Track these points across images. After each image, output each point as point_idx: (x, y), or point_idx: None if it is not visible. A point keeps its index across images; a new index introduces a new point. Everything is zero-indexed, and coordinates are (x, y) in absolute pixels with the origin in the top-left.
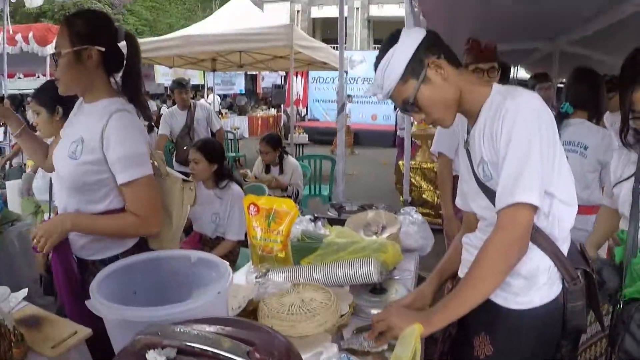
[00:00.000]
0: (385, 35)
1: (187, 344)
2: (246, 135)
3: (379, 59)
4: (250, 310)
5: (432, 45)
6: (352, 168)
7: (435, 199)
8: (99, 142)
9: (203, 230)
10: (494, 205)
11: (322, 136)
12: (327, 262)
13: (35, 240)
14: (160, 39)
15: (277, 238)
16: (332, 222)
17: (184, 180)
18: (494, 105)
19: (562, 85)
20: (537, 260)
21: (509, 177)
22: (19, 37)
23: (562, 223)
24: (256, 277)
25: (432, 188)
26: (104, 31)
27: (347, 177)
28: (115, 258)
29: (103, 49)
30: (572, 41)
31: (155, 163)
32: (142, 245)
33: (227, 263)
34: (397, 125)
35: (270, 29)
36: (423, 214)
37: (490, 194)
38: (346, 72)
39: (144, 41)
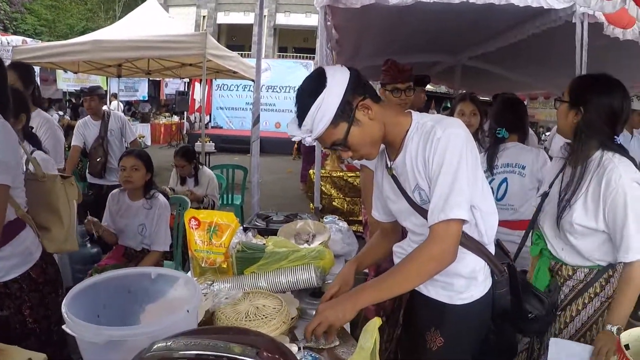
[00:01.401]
0: (289, 44)
1: (202, 352)
2: (148, 143)
3: (305, 104)
4: (205, 321)
5: (357, 86)
6: (259, 174)
7: (345, 205)
8: None
9: (128, 243)
10: (426, 220)
11: (227, 144)
12: (270, 271)
13: None
14: (68, 42)
15: (219, 250)
16: (261, 232)
17: (62, 177)
18: (418, 133)
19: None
20: (473, 263)
21: (441, 196)
22: None
23: (489, 230)
24: (201, 289)
25: (341, 196)
26: None
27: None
28: (26, 275)
29: None
30: (473, 56)
31: (31, 167)
32: (44, 257)
33: (191, 277)
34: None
35: (183, 37)
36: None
37: (425, 213)
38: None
39: (50, 44)
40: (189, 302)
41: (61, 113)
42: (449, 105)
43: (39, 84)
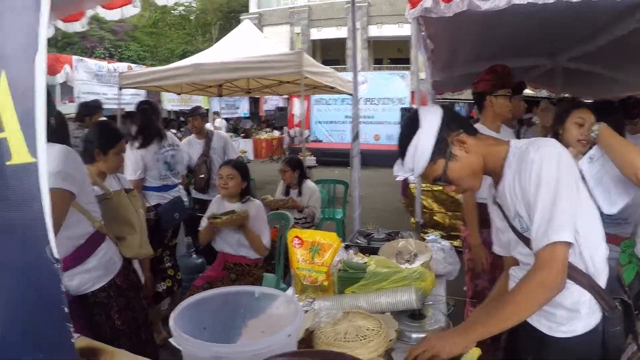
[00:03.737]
0: (384, 55)
1: None
2: (251, 157)
3: (404, 145)
4: (304, 338)
5: (450, 122)
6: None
7: (447, 220)
8: None
9: (224, 248)
10: (531, 250)
11: (327, 157)
12: (371, 291)
13: None
14: (170, 67)
15: (321, 269)
16: (362, 250)
17: (125, 191)
18: (516, 159)
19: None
20: (577, 295)
21: (542, 220)
22: None
23: (593, 258)
24: (302, 307)
25: (443, 210)
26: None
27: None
28: (112, 283)
29: None
30: (574, 57)
31: (97, 187)
32: (126, 264)
33: (292, 297)
34: None
35: (280, 56)
36: (435, 233)
37: (528, 242)
38: (351, 95)
39: (154, 70)
40: (289, 322)
41: (174, 131)
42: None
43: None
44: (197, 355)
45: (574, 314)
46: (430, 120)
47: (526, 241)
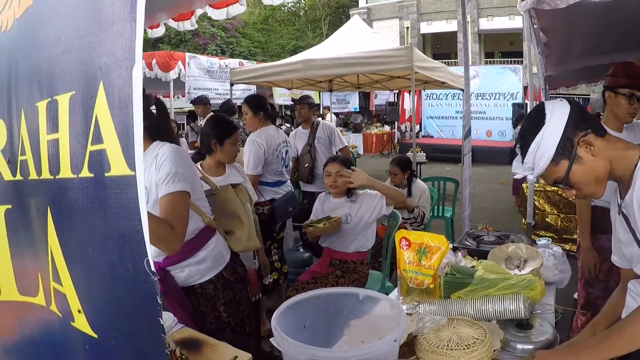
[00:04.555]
0: (495, 49)
1: None
2: (361, 152)
3: (526, 141)
4: (407, 342)
5: (578, 121)
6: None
7: (559, 222)
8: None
9: (330, 245)
10: None
11: (437, 153)
12: (477, 297)
13: None
14: (280, 63)
15: (428, 272)
16: (471, 252)
17: (232, 186)
18: None
19: None
20: None
21: None
22: (142, 63)
23: None
24: (407, 309)
25: (555, 212)
26: None
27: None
28: (220, 275)
29: None
30: None
31: (206, 183)
32: (234, 258)
33: (396, 302)
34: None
35: (390, 52)
36: (546, 237)
37: None
38: (462, 90)
39: (264, 66)
40: (393, 325)
41: (287, 125)
42: None
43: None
44: (296, 357)
45: None
46: (557, 117)
47: None
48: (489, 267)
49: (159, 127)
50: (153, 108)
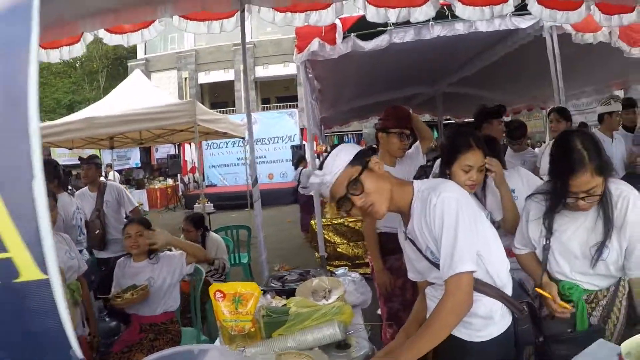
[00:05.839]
0: (271, 95)
1: None
2: (147, 208)
3: (324, 160)
4: None
5: (368, 152)
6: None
7: (350, 250)
8: None
9: (136, 311)
10: None
11: (223, 201)
12: (296, 331)
13: None
14: (61, 122)
15: (246, 317)
16: (278, 292)
17: None
18: (419, 201)
19: (447, 123)
20: (489, 305)
21: (447, 254)
22: None
23: (499, 273)
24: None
25: (345, 241)
26: None
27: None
28: None
29: None
30: (452, 83)
31: None
32: None
33: (226, 348)
34: (300, 185)
35: (173, 106)
36: (341, 266)
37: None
38: (243, 139)
39: (45, 125)
40: None
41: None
42: (436, 133)
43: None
44: None
45: (489, 321)
46: (352, 146)
47: (437, 266)
48: (299, 302)
49: None
50: None
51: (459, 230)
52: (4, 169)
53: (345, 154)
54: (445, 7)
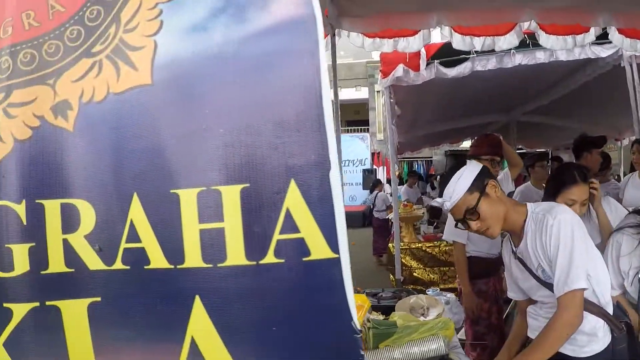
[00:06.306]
0: (342, 118)
1: None
2: None
3: (446, 179)
4: None
5: (487, 172)
6: None
7: (426, 275)
8: None
9: None
10: (553, 292)
11: None
12: (403, 343)
13: None
14: None
15: None
16: (375, 308)
17: None
18: (534, 222)
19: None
20: (593, 322)
21: (562, 271)
22: None
23: (604, 293)
24: None
25: (421, 266)
26: None
27: None
28: None
29: None
30: (528, 111)
31: None
32: None
33: None
34: (375, 208)
35: None
36: (416, 291)
37: (551, 287)
38: None
39: None
40: None
41: None
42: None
43: None
44: None
45: (593, 338)
46: (473, 166)
47: (548, 286)
48: (403, 317)
49: None
50: None
51: (574, 250)
52: (296, 156)
53: (464, 180)
54: (526, 36)
